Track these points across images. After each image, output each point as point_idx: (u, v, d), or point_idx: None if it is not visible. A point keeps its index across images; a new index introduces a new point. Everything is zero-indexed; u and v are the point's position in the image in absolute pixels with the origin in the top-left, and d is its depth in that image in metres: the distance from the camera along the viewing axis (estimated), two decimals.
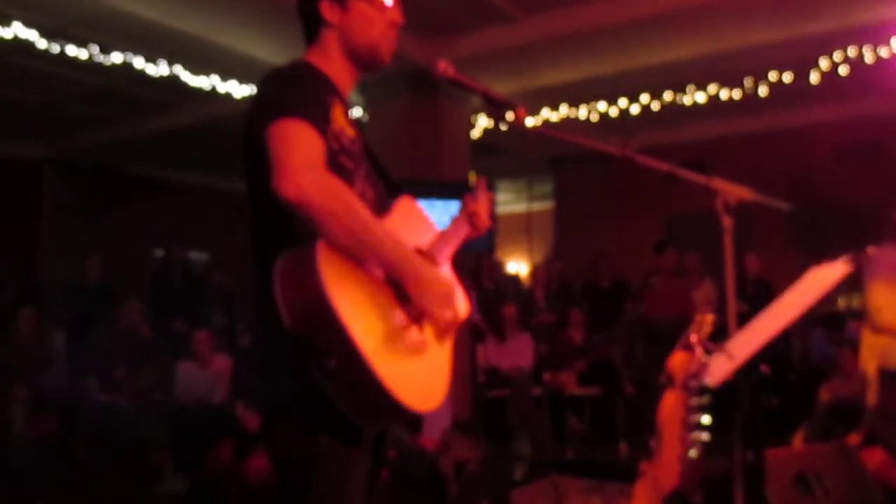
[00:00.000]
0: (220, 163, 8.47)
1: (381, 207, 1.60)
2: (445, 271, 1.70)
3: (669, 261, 6.48)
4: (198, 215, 9.54)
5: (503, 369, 6.47)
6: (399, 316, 1.44)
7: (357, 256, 1.38)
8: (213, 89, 6.60)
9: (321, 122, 1.45)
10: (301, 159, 1.36)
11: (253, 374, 1.44)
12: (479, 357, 6.56)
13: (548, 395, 6.41)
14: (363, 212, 1.40)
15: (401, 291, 1.46)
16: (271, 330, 1.38)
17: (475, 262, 7.13)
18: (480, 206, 1.88)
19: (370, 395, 1.32)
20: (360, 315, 1.33)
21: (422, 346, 1.49)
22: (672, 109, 7.33)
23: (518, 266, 11.81)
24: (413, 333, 1.47)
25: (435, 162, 6.30)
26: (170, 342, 6.56)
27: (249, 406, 4.43)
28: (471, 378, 6.37)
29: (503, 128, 7.57)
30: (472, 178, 1.88)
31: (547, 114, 7.45)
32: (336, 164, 1.48)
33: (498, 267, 8.53)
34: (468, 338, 6.29)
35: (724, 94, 6.97)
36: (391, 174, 1.74)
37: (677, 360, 1.52)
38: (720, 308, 2.19)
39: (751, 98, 6.95)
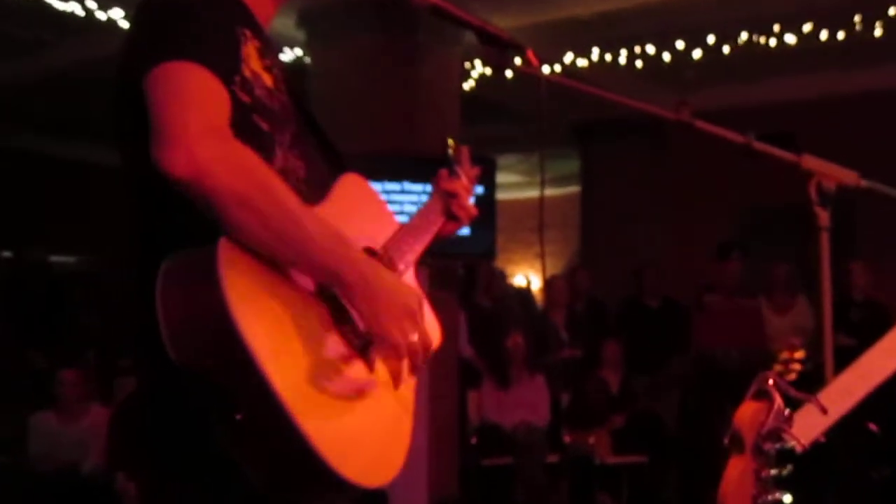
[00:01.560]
0: (100, 127, 8.44)
1: (317, 190, 1.60)
2: (409, 280, 1.71)
3: (734, 270, 6.51)
4: (65, 203, 9.49)
5: (506, 427, 6.48)
6: (337, 346, 1.44)
7: (277, 259, 1.39)
8: (90, 17, 6.59)
9: (225, 65, 1.45)
10: (196, 120, 1.35)
11: (133, 432, 1.46)
12: (470, 409, 6.56)
13: (570, 463, 6.43)
14: (287, 196, 1.40)
15: (341, 310, 1.46)
16: (154, 368, 1.38)
17: (467, 271, 7.13)
18: (460, 185, 1.88)
19: (291, 460, 1.32)
20: (279, 345, 1.33)
21: (370, 390, 1.49)
22: (749, 57, 7.37)
23: (528, 278, 11.85)
24: (357, 371, 1.47)
25: (410, 127, 6.32)
26: (23, 384, 6.51)
27: (134, 477, 4.43)
28: (459, 439, 6.38)
29: (508, 77, 7.58)
30: (451, 145, 1.88)
31: (571, 60, 7.47)
32: (246, 125, 1.48)
33: (499, 279, 8.56)
34: (455, 381, 6.29)
35: (824, 36, 7.01)
36: (336, 144, 1.75)
37: (748, 414, 1.52)
38: (814, 340, 2.19)
39: (861, 43, 6.99)
